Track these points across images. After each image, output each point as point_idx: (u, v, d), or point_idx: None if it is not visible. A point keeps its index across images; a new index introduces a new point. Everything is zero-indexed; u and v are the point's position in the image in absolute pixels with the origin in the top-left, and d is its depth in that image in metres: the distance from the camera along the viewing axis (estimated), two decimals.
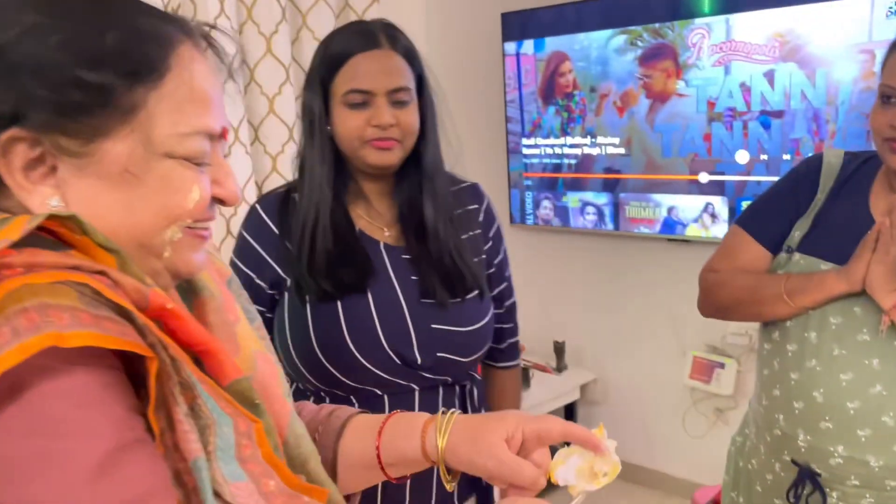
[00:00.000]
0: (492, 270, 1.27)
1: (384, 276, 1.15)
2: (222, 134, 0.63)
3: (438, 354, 1.15)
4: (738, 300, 1.30)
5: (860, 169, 1.28)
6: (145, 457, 0.51)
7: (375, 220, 1.19)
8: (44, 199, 0.57)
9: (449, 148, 1.24)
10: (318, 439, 0.80)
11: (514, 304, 1.34)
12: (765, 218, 1.33)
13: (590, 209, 2.90)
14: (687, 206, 2.64)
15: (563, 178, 2.94)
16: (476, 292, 1.19)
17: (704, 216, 2.61)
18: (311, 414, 0.84)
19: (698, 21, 2.49)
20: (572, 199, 2.93)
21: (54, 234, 0.55)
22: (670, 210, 2.68)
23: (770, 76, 2.37)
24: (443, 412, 0.78)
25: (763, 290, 1.26)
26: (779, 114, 2.38)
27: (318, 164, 1.15)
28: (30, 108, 0.55)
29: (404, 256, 1.18)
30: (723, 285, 1.34)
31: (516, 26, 2.92)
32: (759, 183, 2.45)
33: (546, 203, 3.01)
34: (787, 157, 2.39)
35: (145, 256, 0.60)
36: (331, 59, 1.14)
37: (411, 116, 1.14)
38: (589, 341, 3.16)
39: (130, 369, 0.54)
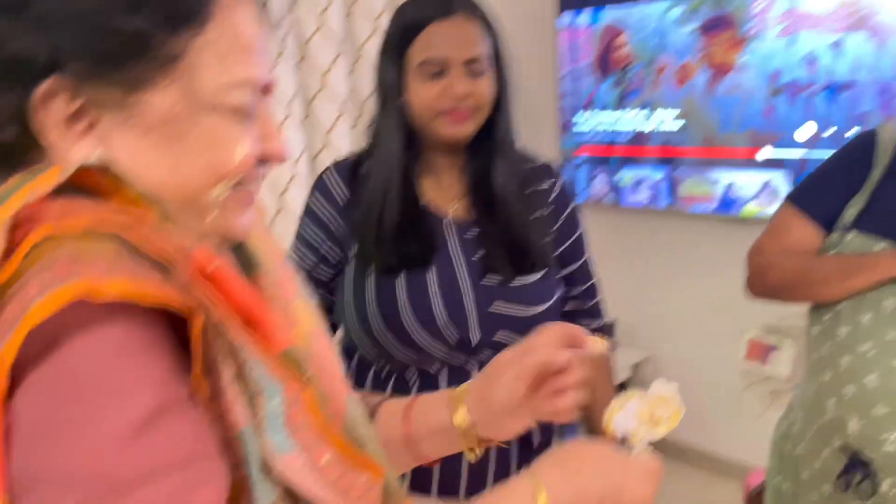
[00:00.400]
0: (563, 250, 1.23)
1: (446, 253, 1.14)
2: (268, 87, 0.60)
3: (497, 335, 1.13)
4: (788, 282, 1.26)
5: None
6: (187, 421, 0.49)
7: (444, 193, 1.17)
8: (86, 155, 0.54)
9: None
10: None
11: (593, 287, 1.29)
12: (818, 195, 1.27)
13: (644, 186, 2.84)
14: (745, 183, 2.56)
15: (618, 154, 2.88)
16: (542, 273, 1.16)
17: (763, 194, 2.54)
18: None
19: None
20: (626, 176, 2.88)
21: (91, 189, 0.53)
22: (728, 187, 2.61)
23: (837, 46, 2.28)
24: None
25: (815, 272, 1.22)
26: (846, 86, 2.29)
27: (389, 136, 1.13)
28: (67, 57, 0.52)
29: (467, 236, 1.15)
30: (772, 267, 1.29)
31: None
32: (822, 160, 2.36)
33: (599, 179, 2.96)
34: (853, 131, 2.30)
35: (191, 217, 0.57)
36: (406, 27, 1.11)
37: (487, 87, 1.12)
38: (641, 320, 3.12)
39: (176, 334, 0.51)
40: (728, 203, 2.63)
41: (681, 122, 2.67)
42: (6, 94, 0.53)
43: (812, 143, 2.39)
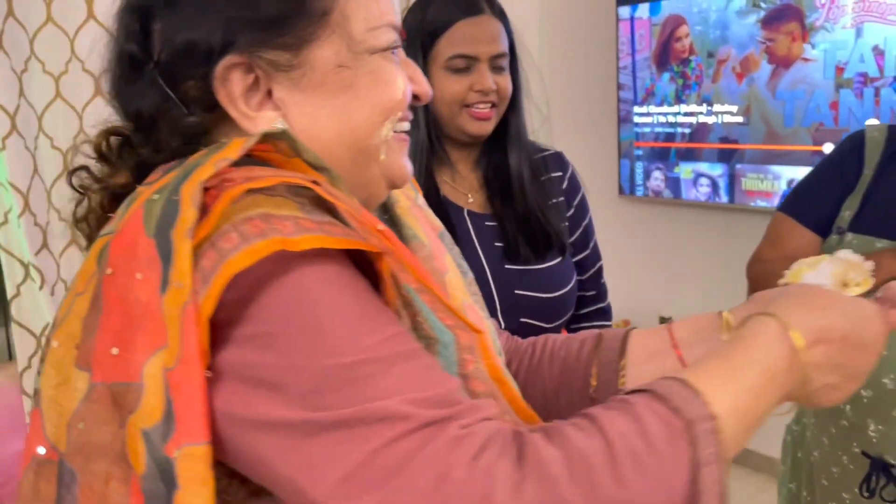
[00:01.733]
0: (576, 237, 1.27)
1: (468, 242, 1.17)
2: (401, 31, 0.65)
3: (521, 320, 1.16)
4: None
5: None
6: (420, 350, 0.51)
7: (459, 186, 1.22)
8: (268, 124, 0.59)
9: (538, 113, 1.26)
10: (564, 369, 0.78)
11: (599, 271, 1.34)
12: (809, 200, 1.28)
13: (704, 181, 2.79)
14: None
15: (676, 148, 2.84)
16: (559, 258, 1.20)
17: None
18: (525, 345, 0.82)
19: None
20: (685, 170, 2.83)
21: (265, 160, 0.56)
22: (790, 183, 2.55)
23: None
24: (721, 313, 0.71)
25: None
26: None
27: (415, 129, 1.17)
28: (236, 32, 0.57)
29: (488, 223, 1.19)
30: (773, 275, 1.28)
31: None
32: None
33: (657, 174, 2.92)
34: None
35: (364, 163, 0.62)
36: (432, 24, 1.16)
37: (508, 81, 1.17)
38: None
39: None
40: None
41: (742, 117, 2.62)
42: (189, 79, 0.58)
43: None
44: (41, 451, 0.55)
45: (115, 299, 0.51)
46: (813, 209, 1.27)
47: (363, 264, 0.54)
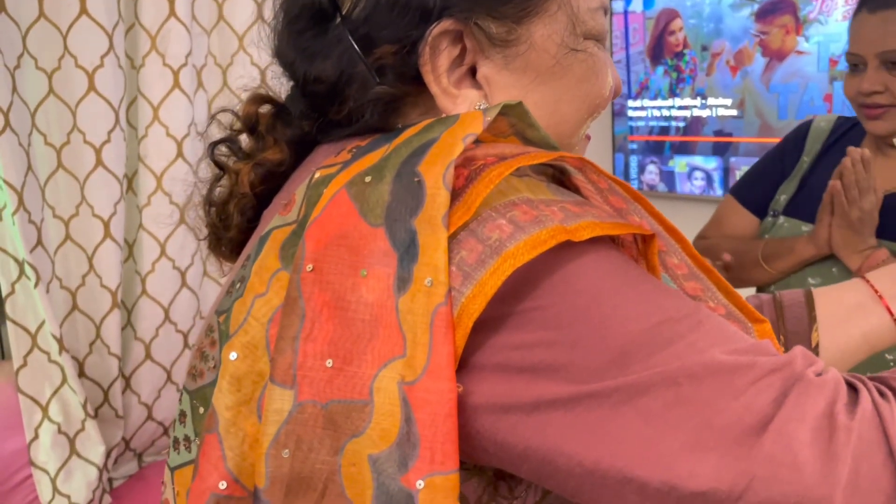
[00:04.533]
0: None
1: None
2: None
3: None
4: (722, 267, 1.34)
5: (848, 133, 1.28)
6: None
7: None
8: (471, 105, 0.51)
9: None
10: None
11: None
12: (752, 183, 1.38)
13: (698, 174, 2.79)
14: None
15: (671, 142, 2.84)
16: None
17: None
18: None
19: None
20: (680, 164, 2.83)
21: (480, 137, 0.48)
22: None
23: None
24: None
25: (744, 255, 1.30)
26: None
27: None
28: None
29: None
30: (708, 251, 1.37)
31: None
32: None
33: (652, 167, 2.92)
34: None
35: None
36: None
37: None
38: None
39: None
40: None
41: (736, 110, 2.62)
42: (388, 42, 0.49)
43: None
44: (222, 485, 0.45)
45: (324, 302, 0.42)
46: (753, 191, 1.37)
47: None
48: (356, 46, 0.50)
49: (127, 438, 1.51)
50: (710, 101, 2.69)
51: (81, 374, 1.43)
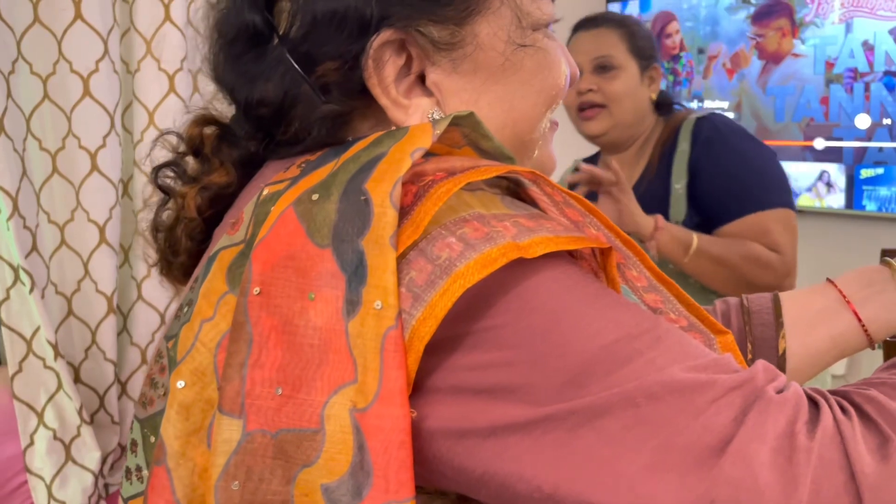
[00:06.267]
0: None
1: None
2: None
3: None
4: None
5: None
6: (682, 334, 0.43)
7: None
8: (424, 114, 0.49)
9: None
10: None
11: None
12: None
13: None
14: (800, 173, 2.50)
15: None
16: None
17: (819, 185, 2.47)
18: None
19: None
20: None
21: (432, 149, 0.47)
22: None
23: None
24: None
25: None
26: None
27: None
28: (394, 2, 0.48)
29: None
30: None
31: None
32: (880, 149, 2.29)
33: None
34: None
35: (519, 160, 0.52)
36: None
37: None
38: None
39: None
40: None
41: (733, 112, 2.62)
42: (329, 58, 0.48)
43: (870, 133, 2.32)
44: None
45: (272, 326, 0.41)
46: None
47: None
48: (297, 66, 0.48)
49: (123, 444, 1.51)
50: (707, 103, 2.69)
51: (77, 379, 1.42)
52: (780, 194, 1.47)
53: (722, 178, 1.43)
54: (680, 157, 1.46)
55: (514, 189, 0.49)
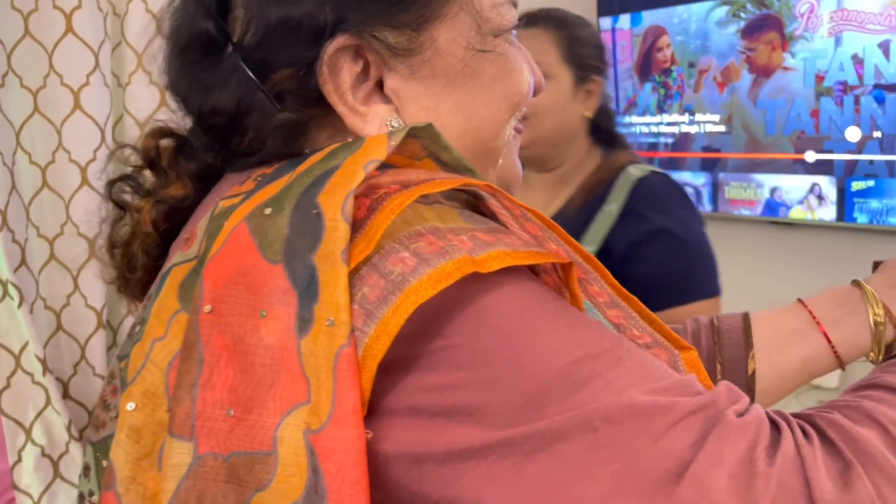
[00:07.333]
0: None
1: None
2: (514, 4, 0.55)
3: None
4: None
5: None
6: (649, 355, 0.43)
7: None
8: (382, 121, 0.48)
9: None
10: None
11: None
12: None
13: (687, 189, 2.80)
14: (792, 186, 2.51)
15: (660, 158, 2.85)
16: None
17: (810, 197, 2.48)
18: None
19: None
20: None
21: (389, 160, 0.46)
22: (773, 191, 2.56)
23: (886, 47, 2.22)
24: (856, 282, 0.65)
25: None
26: (895, 87, 2.23)
27: None
28: (348, 8, 0.47)
29: None
30: None
31: (612, 1, 2.84)
32: (871, 162, 2.30)
33: None
34: None
35: (483, 168, 0.51)
36: None
37: None
38: None
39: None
40: (774, 207, 2.58)
41: (724, 126, 2.63)
42: (284, 66, 0.47)
43: (861, 146, 2.33)
44: None
45: (223, 345, 0.40)
46: None
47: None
48: (251, 74, 0.47)
49: None
50: (698, 117, 2.70)
51: (66, 395, 1.41)
52: (710, 283, 1.32)
53: (651, 266, 1.26)
54: (602, 219, 1.27)
55: (473, 202, 0.48)
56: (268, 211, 0.41)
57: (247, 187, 0.46)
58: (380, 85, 0.50)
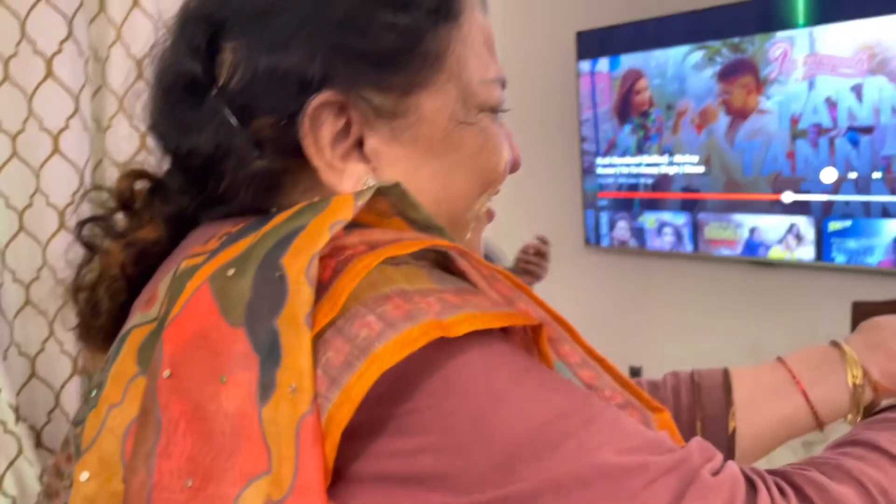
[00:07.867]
0: None
1: None
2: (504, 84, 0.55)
3: None
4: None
5: None
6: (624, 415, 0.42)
7: None
8: (358, 180, 0.48)
9: None
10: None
11: None
12: None
13: (667, 230, 2.82)
14: (770, 226, 2.54)
15: (640, 198, 2.87)
16: None
17: (789, 237, 2.51)
18: None
19: (780, 34, 2.40)
20: (649, 220, 2.86)
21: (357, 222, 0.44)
22: (752, 231, 2.59)
23: (858, 90, 2.27)
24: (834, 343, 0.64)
25: None
26: (868, 130, 2.27)
27: None
28: (339, 64, 0.46)
29: None
30: None
31: (591, 44, 2.89)
32: (847, 203, 2.34)
33: (622, 224, 2.95)
34: (877, 175, 2.27)
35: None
36: None
37: None
38: (667, 367, 3.06)
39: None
40: (753, 247, 2.60)
41: (703, 167, 2.67)
42: (266, 114, 0.47)
43: (836, 186, 2.37)
44: None
45: (182, 412, 0.38)
46: None
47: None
48: (233, 118, 0.47)
49: None
50: (677, 158, 2.73)
51: (39, 444, 1.37)
52: None
53: None
54: None
55: (441, 261, 0.47)
56: (231, 272, 0.40)
57: (211, 246, 0.45)
58: (360, 144, 0.49)
